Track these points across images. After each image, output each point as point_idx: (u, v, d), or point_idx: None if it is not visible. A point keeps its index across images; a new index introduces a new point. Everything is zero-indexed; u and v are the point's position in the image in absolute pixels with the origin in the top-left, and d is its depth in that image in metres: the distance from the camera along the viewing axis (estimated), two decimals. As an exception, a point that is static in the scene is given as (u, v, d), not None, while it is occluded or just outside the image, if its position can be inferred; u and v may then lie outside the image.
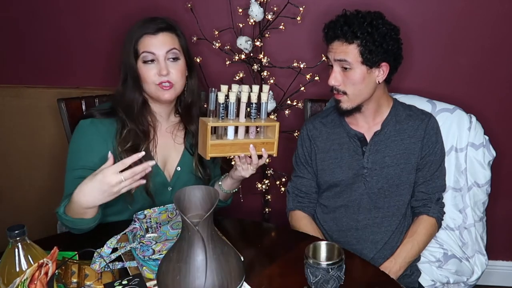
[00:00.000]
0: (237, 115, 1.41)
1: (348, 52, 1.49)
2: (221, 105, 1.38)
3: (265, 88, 1.43)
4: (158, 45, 1.50)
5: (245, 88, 1.40)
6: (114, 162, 1.28)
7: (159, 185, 1.57)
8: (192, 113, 1.62)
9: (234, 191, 1.63)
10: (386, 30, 1.49)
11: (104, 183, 1.25)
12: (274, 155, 1.50)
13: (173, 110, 1.63)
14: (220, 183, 1.59)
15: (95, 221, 1.40)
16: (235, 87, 1.40)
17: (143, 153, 1.30)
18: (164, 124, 1.62)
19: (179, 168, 1.61)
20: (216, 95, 1.38)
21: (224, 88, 1.39)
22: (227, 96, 1.38)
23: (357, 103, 1.55)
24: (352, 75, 1.50)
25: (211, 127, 1.38)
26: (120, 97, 1.55)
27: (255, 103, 1.41)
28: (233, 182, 1.57)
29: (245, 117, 1.42)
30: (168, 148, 1.60)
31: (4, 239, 1.05)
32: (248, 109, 1.41)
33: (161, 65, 1.49)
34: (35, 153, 2.18)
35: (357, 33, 1.46)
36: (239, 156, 1.46)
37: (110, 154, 1.30)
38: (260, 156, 1.47)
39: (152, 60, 1.50)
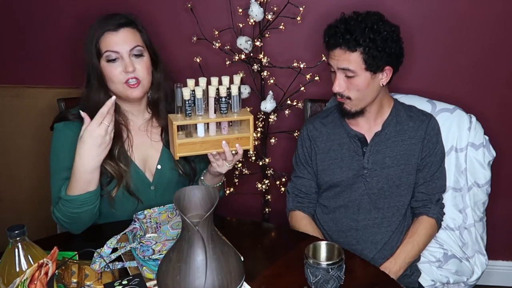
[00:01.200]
0: (207, 110, 1.35)
1: (351, 60, 1.47)
2: (187, 102, 1.33)
3: (236, 79, 1.37)
4: (121, 42, 1.45)
5: (214, 81, 1.34)
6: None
7: (140, 185, 1.54)
8: (160, 108, 1.58)
9: (218, 184, 1.58)
10: (387, 34, 1.47)
11: (95, 137, 1.32)
12: (251, 150, 1.44)
13: (146, 107, 1.59)
14: (202, 178, 1.57)
15: (97, 200, 1.41)
16: (202, 80, 1.35)
17: (113, 98, 1.35)
18: (138, 122, 1.58)
19: (159, 167, 1.57)
20: (181, 91, 1.33)
21: (190, 82, 1.34)
22: (193, 91, 1.33)
23: (361, 107, 1.55)
24: (357, 81, 1.49)
25: (178, 125, 1.33)
26: (86, 99, 1.50)
27: (225, 97, 1.34)
28: (212, 177, 1.54)
29: (215, 112, 1.35)
30: (146, 146, 1.56)
31: (4, 239, 1.05)
32: (218, 103, 1.34)
33: (126, 62, 1.45)
34: (35, 153, 2.18)
35: (360, 41, 1.44)
36: (211, 154, 1.42)
37: (83, 114, 1.34)
38: (235, 152, 1.42)
39: (116, 59, 1.46)
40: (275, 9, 1.95)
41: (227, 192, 2.13)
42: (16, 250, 1.05)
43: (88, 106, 1.49)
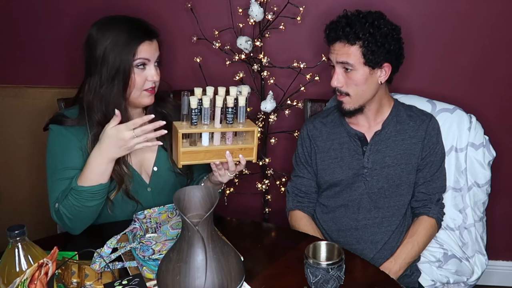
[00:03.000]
0: (213, 118, 1.35)
1: (350, 53, 1.48)
2: (193, 111, 1.33)
3: (244, 90, 1.37)
4: (152, 52, 1.47)
5: (221, 91, 1.34)
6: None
7: (137, 187, 1.53)
8: (149, 108, 1.57)
9: (218, 191, 1.58)
10: (387, 31, 1.49)
11: (119, 139, 1.35)
12: (253, 161, 1.45)
13: (142, 110, 1.59)
14: (202, 184, 1.57)
15: (104, 196, 1.42)
16: (209, 90, 1.35)
17: (152, 116, 1.37)
18: None
19: (156, 169, 1.57)
20: (188, 100, 1.33)
21: (198, 91, 1.34)
22: (200, 100, 1.33)
23: (360, 104, 1.55)
24: (355, 76, 1.50)
25: (183, 133, 1.33)
26: (102, 98, 1.45)
27: (232, 108, 1.35)
28: (213, 186, 1.55)
29: (221, 122, 1.36)
30: (141, 148, 1.52)
31: (4, 239, 1.05)
32: (224, 113, 1.35)
33: (153, 71, 1.47)
34: (35, 153, 2.18)
35: (359, 34, 1.46)
36: (214, 163, 1.42)
37: (117, 112, 1.37)
38: (238, 163, 1.43)
39: (144, 65, 1.46)
40: (275, 9, 1.95)
41: (227, 192, 2.13)
42: (16, 250, 1.05)
43: (103, 102, 1.45)
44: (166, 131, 1.38)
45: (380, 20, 1.49)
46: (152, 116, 1.38)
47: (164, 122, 1.37)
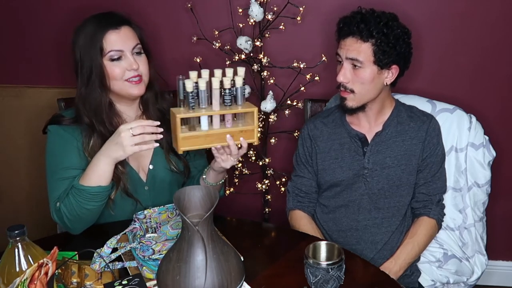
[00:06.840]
0: (211, 102, 1.33)
1: (361, 50, 1.48)
2: (190, 94, 1.30)
3: (241, 71, 1.35)
4: (124, 41, 1.46)
5: (218, 73, 1.32)
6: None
7: (136, 186, 1.54)
8: (150, 105, 1.58)
9: (221, 182, 1.57)
10: (400, 33, 1.49)
11: (116, 134, 1.35)
12: (255, 143, 1.42)
13: (138, 105, 1.59)
14: (204, 176, 1.56)
15: (105, 199, 1.41)
16: (205, 72, 1.33)
17: (157, 122, 1.36)
18: (130, 120, 1.56)
19: (151, 167, 1.56)
20: (184, 83, 1.30)
21: (193, 74, 1.31)
22: (196, 84, 1.31)
23: (362, 103, 1.55)
24: (362, 73, 1.50)
25: (182, 118, 1.30)
26: (84, 99, 1.48)
27: (229, 89, 1.32)
28: (216, 174, 1.53)
29: (220, 105, 1.33)
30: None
31: (4, 239, 1.05)
32: (222, 95, 1.32)
33: (130, 60, 1.46)
34: (35, 153, 2.18)
35: (373, 32, 1.46)
36: (216, 148, 1.40)
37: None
38: (240, 146, 1.41)
39: (120, 57, 1.46)
40: (275, 9, 1.95)
41: (227, 192, 2.13)
42: (16, 250, 1.05)
43: (86, 105, 1.48)
44: (161, 136, 1.36)
45: (394, 21, 1.50)
46: (158, 122, 1.36)
47: (158, 122, 1.36)
